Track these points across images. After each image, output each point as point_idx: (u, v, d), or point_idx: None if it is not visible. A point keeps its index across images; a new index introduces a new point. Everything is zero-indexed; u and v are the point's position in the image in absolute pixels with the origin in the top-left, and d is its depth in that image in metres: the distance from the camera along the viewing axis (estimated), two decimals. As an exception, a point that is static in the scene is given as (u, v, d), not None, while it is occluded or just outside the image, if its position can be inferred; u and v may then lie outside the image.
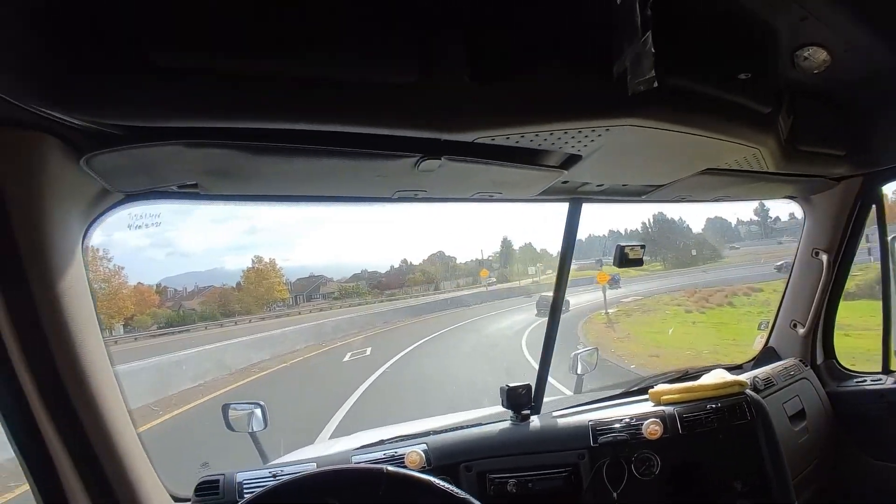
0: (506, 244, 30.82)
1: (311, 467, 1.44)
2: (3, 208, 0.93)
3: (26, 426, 1.04)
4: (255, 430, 1.91)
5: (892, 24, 1.30)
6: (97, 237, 1.25)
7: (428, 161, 1.12)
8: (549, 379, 1.85)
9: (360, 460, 1.53)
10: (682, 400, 1.78)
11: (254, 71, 0.84)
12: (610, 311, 16.15)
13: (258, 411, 1.91)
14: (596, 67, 0.98)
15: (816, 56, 1.36)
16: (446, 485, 1.06)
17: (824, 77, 1.44)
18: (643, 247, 1.84)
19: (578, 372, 2.28)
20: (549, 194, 1.59)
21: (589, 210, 1.78)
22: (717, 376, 1.87)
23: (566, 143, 1.16)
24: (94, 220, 1.17)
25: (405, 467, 1.46)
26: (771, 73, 1.32)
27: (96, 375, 1.10)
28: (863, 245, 2.25)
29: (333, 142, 1.00)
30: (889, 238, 2.14)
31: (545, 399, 1.88)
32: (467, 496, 1.05)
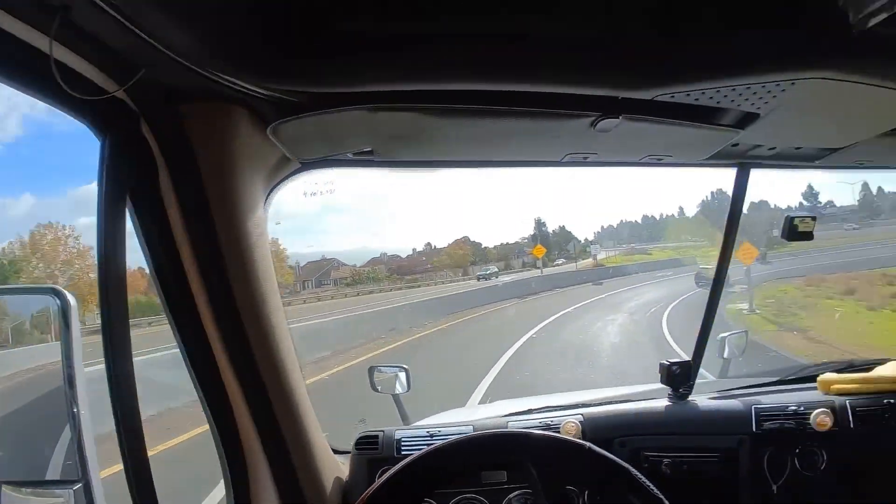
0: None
1: (469, 430, 1.52)
2: (196, 175, 1.03)
3: (212, 377, 1.17)
4: (398, 392, 2.01)
5: None
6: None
7: (606, 120, 1.08)
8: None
9: (516, 426, 1.55)
10: (856, 391, 1.62)
11: (433, 32, 0.84)
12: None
13: (402, 375, 2.01)
14: (783, 16, 0.89)
15: None
16: (645, 479, 1.07)
17: None
18: (814, 218, 1.67)
19: (725, 355, 2.15)
20: (718, 158, 1.50)
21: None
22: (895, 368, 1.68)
23: (747, 99, 1.07)
24: (275, 187, 1.26)
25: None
26: None
27: (274, 332, 1.20)
28: None
29: (511, 101, 1.00)
30: None
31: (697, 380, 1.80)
32: (662, 498, 1.05)
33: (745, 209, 1.70)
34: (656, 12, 0.88)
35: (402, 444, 1.53)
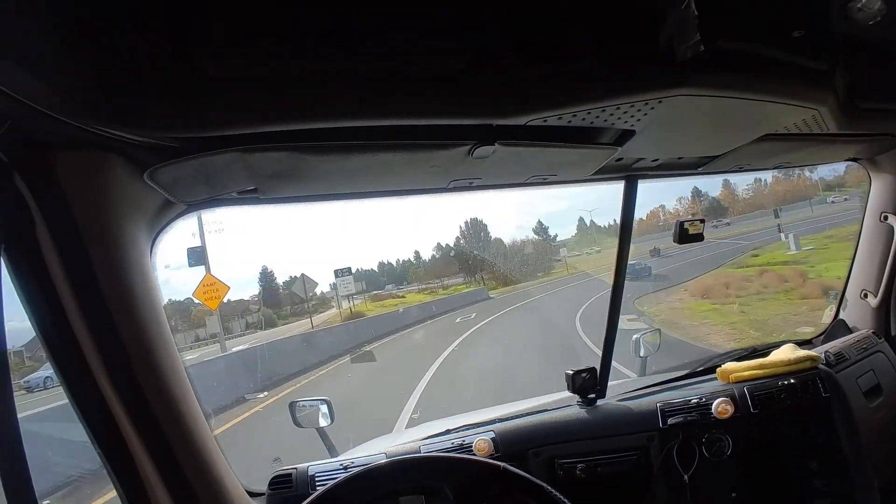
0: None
1: (381, 458, 1.49)
2: (74, 227, 0.98)
3: (110, 433, 1.10)
4: (322, 425, 1.97)
5: None
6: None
7: (482, 148, 1.11)
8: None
9: (429, 449, 1.55)
10: (752, 377, 1.73)
11: (304, 72, 0.84)
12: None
13: (324, 407, 1.97)
14: (644, 38, 0.96)
15: (871, 5, 1.26)
16: (558, 494, 1.08)
17: (881, 27, 1.32)
18: (703, 221, 1.78)
19: (641, 354, 2.24)
20: (604, 173, 1.56)
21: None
22: (788, 352, 1.80)
23: (619, 118, 1.13)
24: (160, 232, 1.22)
25: (473, 455, 1.49)
26: (825, 28, 1.24)
27: (172, 379, 1.16)
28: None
29: (386, 136, 1.02)
30: None
31: (611, 383, 1.86)
32: None
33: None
34: (522, 43, 0.92)
35: (317, 479, 1.49)
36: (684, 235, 1.76)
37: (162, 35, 0.75)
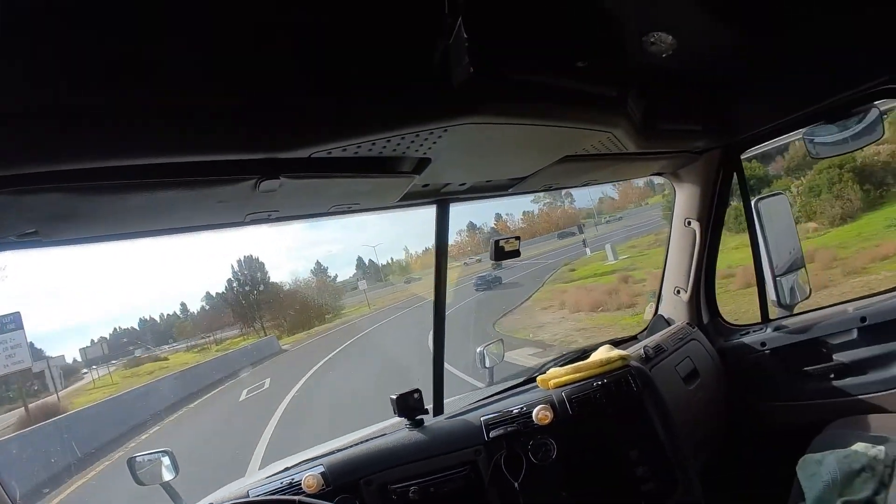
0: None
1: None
2: None
3: None
4: (167, 479, 1.84)
5: (728, 8, 1.39)
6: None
7: (267, 181, 1.10)
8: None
9: (257, 492, 1.50)
10: (568, 382, 1.84)
11: (70, 107, 0.80)
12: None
13: (166, 459, 1.84)
14: (421, 67, 0.99)
15: (663, 40, 1.43)
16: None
17: (673, 59, 1.51)
18: (518, 238, 1.89)
19: (487, 364, 2.33)
20: (414, 199, 1.61)
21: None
22: (603, 353, 1.96)
23: (408, 147, 1.15)
24: None
25: (304, 493, 1.46)
26: (616, 58, 1.35)
27: None
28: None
29: (166, 173, 0.97)
30: (752, 201, 2.32)
31: (449, 399, 1.93)
32: None
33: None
34: (302, 77, 0.92)
35: None
36: (500, 252, 1.85)
37: None
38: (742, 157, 2.36)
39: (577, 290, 16.03)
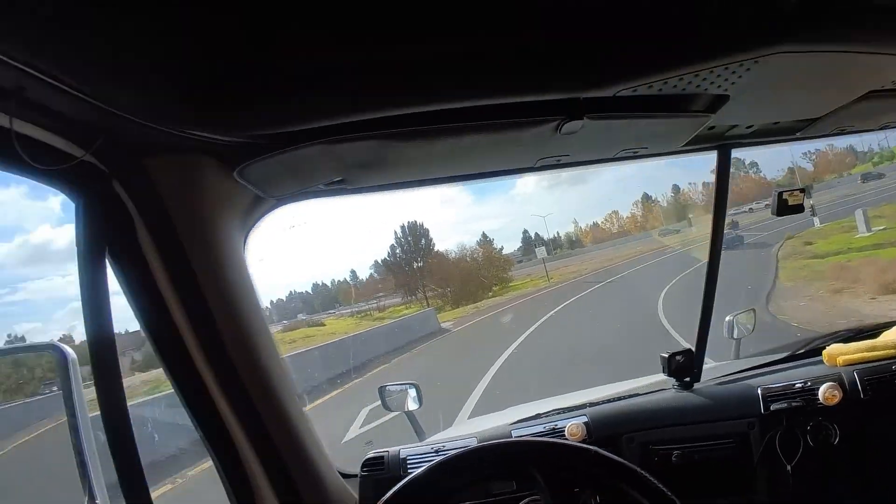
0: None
1: (472, 442, 1.51)
2: (172, 227, 1.05)
3: (213, 421, 1.19)
4: (410, 409, 2.01)
5: None
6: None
7: (570, 123, 1.07)
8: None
9: (521, 434, 1.55)
10: (862, 360, 1.59)
11: (383, 59, 0.84)
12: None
13: (413, 391, 2.01)
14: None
15: None
16: (652, 478, 1.06)
17: None
18: (803, 190, 1.66)
19: (735, 336, 2.14)
20: (696, 143, 1.49)
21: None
22: None
23: (712, 82, 1.06)
24: (252, 226, 1.28)
25: (566, 439, 1.48)
26: None
27: (270, 368, 1.23)
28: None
29: (471, 117, 1.00)
30: None
31: (705, 366, 1.78)
32: (670, 495, 1.04)
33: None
34: (605, 11, 0.88)
35: (409, 462, 1.53)
36: (783, 207, 1.65)
37: (240, 37, 0.77)
38: None
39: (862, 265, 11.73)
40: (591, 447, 1.12)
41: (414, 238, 25.54)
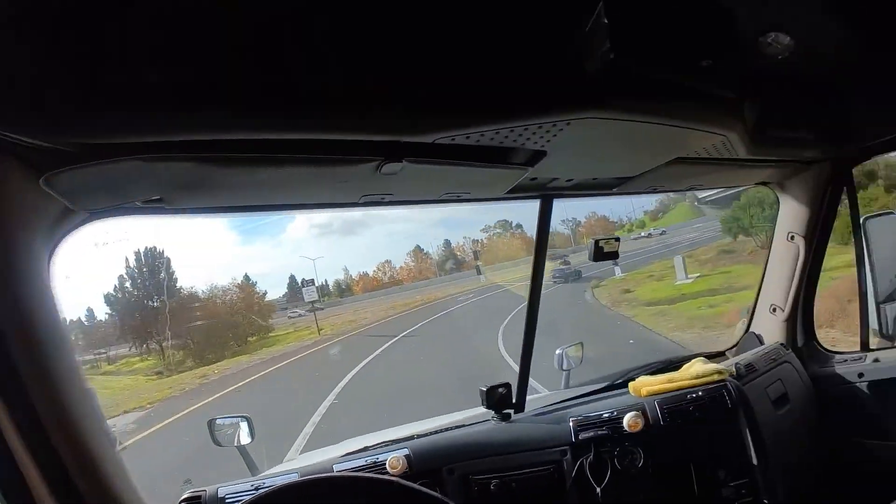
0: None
1: (294, 477, 1.43)
2: None
3: (4, 462, 1.02)
4: (243, 443, 1.91)
5: (851, 9, 1.31)
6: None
7: (389, 164, 1.12)
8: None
9: (343, 468, 1.52)
10: (662, 391, 1.79)
11: (209, 82, 0.83)
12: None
13: (244, 424, 1.91)
14: (554, 57, 0.99)
15: (781, 41, 1.35)
16: (429, 490, 1.08)
17: (789, 62, 1.43)
18: (618, 239, 1.85)
19: (564, 367, 2.29)
20: (519, 192, 1.60)
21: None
22: (698, 365, 1.90)
23: (528, 139, 1.15)
24: (60, 240, 1.16)
25: (388, 473, 1.46)
26: (735, 59, 1.31)
27: (71, 394, 1.09)
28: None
29: (294, 149, 1.00)
30: (861, 219, 2.17)
31: (531, 397, 1.89)
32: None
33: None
34: (430, 63, 0.93)
35: (228, 499, 1.43)
36: (599, 253, 1.83)
37: (58, 40, 0.73)
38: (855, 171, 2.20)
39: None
40: (395, 479, 1.13)
41: (150, 269, 18.04)
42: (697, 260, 18.09)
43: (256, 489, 1.44)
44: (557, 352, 2.30)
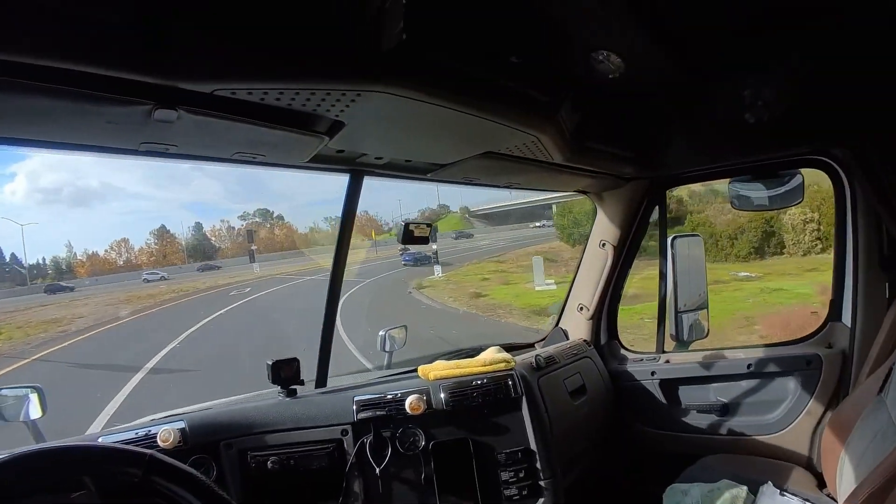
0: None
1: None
2: None
3: None
4: (32, 417, 1.73)
5: (683, 46, 1.43)
6: None
7: (162, 111, 1.03)
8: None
9: (109, 440, 1.44)
10: (449, 376, 1.86)
11: None
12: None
13: (34, 396, 1.74)
14: (348, 29, 0.96)
15: (613, 61, 1.43)
16: (210, 482, 1.05)
17: (618, 82, 1.52)
18: (430, 225, 1.90)
19: (387, 349, 2.33)
20: (326, 163, 1.58)
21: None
22: (490, 354, 1.99)
23: (318, 105, 1.12)
24: None
25: (158, 447, 1.41)
26: (556, 64, 1.35)
27: None
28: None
29: (50, 78, 0.89)
30: (669, 238, 2.38)
31: (345, 375, 1.93)
32: (229, 499, 1.05)
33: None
34: (217, 10, 0.87)
35: None
36: (409, 236, 1.86)
37: None
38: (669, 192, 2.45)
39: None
40: (147, 451, 1.06)
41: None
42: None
43: None
44: (381, 333, 2.33)
